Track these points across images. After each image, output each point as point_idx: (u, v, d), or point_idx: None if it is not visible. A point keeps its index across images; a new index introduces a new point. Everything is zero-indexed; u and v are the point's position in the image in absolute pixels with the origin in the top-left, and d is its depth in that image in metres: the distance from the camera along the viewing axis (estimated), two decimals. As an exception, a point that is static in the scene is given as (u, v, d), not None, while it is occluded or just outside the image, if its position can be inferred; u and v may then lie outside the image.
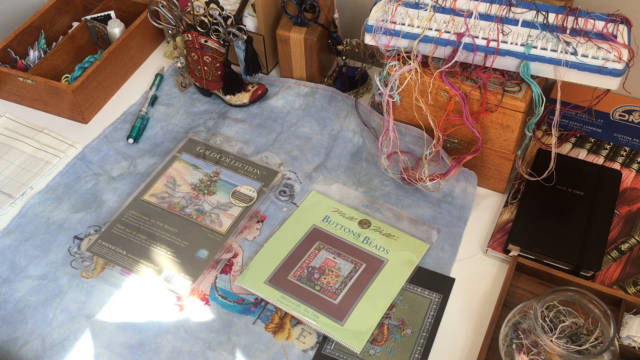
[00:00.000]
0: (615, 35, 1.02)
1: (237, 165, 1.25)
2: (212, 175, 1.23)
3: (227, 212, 1.18)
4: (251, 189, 1.21)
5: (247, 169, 1.24)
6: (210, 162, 1.26)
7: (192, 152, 1.28)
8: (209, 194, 1.21)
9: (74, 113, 1.38)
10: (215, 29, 1.28)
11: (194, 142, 1.30)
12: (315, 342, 1.03)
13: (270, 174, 1.24)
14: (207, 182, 1.22)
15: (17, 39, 1.43)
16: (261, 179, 1.23)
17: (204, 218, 1.17)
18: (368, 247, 1.13)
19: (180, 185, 1.22)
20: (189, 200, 1.20)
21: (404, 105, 1.18)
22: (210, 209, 1.19)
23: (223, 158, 1.27)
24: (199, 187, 1.22)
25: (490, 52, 1.05)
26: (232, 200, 1.19)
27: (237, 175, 1.24)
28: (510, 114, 1.09)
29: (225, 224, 1.17)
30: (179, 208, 1.19)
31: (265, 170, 1.25)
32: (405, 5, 1.09)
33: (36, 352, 1.03)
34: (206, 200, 1.20)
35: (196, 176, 1.24)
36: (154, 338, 1.04)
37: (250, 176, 1.23)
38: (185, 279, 1.09)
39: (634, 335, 0.99)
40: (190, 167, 1.25)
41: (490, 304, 1.07)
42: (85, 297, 1.09)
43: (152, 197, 1.21)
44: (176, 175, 1.24)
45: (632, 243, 1.12)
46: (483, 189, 1.22)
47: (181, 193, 1.21)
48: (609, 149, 1.26)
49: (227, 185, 1.22)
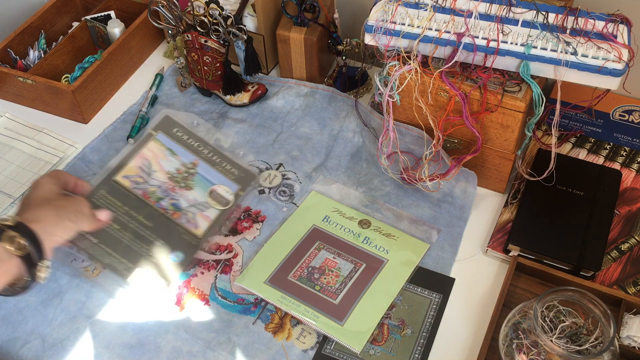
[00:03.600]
0: (615, 35, 1.02)
1: (216, 159, 1.17)
2: (190, 167, 1.15)
3: (204, 212, 1.12)
4: (229, 191, 1.14)
5: (225, 166, 1.17)
6: (188, 150, 1.17)
7: (169, 134, 1.18)
8: (186, 188, 1.13)
9: (74, 113, 1.38)
10: (215, 29, 1.28)
11: (170, 121, 1.20)
12: (315, 342, 1.03)
13: (248, 177, 1.18)
14: (184, 174, 1.14)
15: (17, 39, 1.43)
16: (239, 181, 1.17)
17: (181, 215, 1.10)
18: (368, 247, 1.13)
19: (157, 172, 1.13)
20: (165, 192, 1.12)
21: (404, 105, 1.18)
22: (187, 206, 1.11)
23: (201, 148, 1.18)
24: (176, 178, 1.13)
25: (490, 52, 1.05)
26: (209, 200, 1.12)
27: (216, 172, 1.16)
28: (510, 114, 1.09)
29: (201, 225, 1.11)
30: (155, 199, 1.10)
31: (243, 172, 1.18)
32: (405, 5, 1.09)
33: (36, 352, 1.03)
34: (183, 195, 1.12)
35: (173, 164, 1.15)
36: (154, 338, 1.04)
37: (228, 176, 1.16)
38: (159, 280, 1.06)
39: (634, 335, 0.99)
40: (166, 151, 1.16)
41: (490, 304, 1.06)
42: (85, 297, 1.09)
43: (126, 180, 1.11)
44: (152, 158, 1.15)
45: (632, 243, 1.12)
46: (483, 189, 1.22)
47: (157, 181, 1.13)
48: (609, 149, 1.26)
49: (205, 182, 1.15)
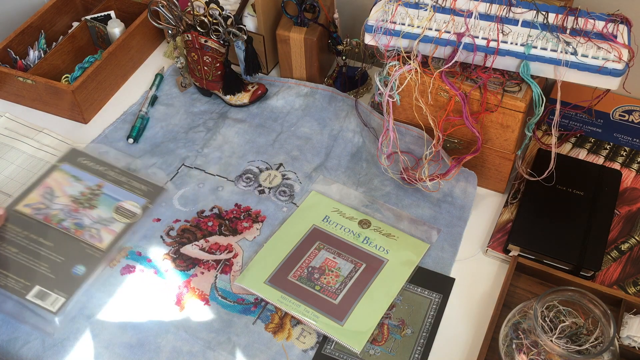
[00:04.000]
0: (615, 35, 1.02)
1: (122, 179, 1.21)
2: (95, 189, 1.18)
3: (109, 227, 1.14)
4: (136, 205, 1.17)
5: (132, 183, 1.20)
6: (93, 175, 1.21)
7: (73, 163, 1.23)
8: (90, 208, 1.16)
9: (74, 113, 1.38)
10: (215, 29, 1.28)
11: (76, 152, 1.25)
12: (315, 342, 1.03)
13: (156, 190, 1.21)
14: (88, 195, 1.17)
15: (17, 39, 1.43)
16: (147, 195, 1.20)
17: (83, 232, 1.13)
18: (368, 247, 1.13)
19: (59, 197, 1.17)
20: (68, 214, 1.15)
21: (404, 105, 1.18)
22: (91, 223, 1.14)
23: (107, 171, 1.22)
24: (79, 200, 1.17)
25: (490, 52, 1.05)
26: (115, 216, 1.15)
27: (122, 190, 1.20)
28: (510, 114, 1.09)
29: (105, 239, 1.13)
30: (56, 221, 1.14)
31: (151, 187, 1.21)
32: (405, 5, 1.09)
33: (36, 352, 1.03)
34: (86, 214, 1.15)
35: (77, 188, 1.19)
36: (154, 338, 1.04)
37: (135, 192, 1.19)
38: (58, 295, 1.05)
39: (634, 335, 0.99)
40: (70, 178, 1.20)
41: (490, 304, 1.07)
42: (85, 297, 1.09)
43: (27, 208, 1.15)
44: (55, 186, 1.19)
45: (632, 243, 1.12)
46: (483, 189, 1.22)
47: (59, 205, 1.16)
48: (609, 149, 1.26)
49: (110, 200, 1.18)
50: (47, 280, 1.07)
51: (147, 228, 1.17)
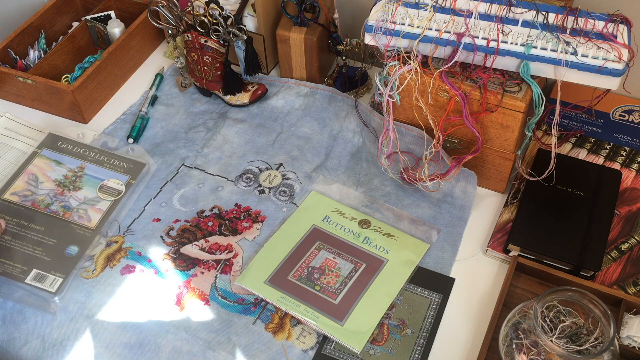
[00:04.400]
0: (615, 35, 1.02)
1: (103, 159, 1.25)
2: (77, 171, 1.22)
3: (95, 206, 1.18)
4: (119, 182, 1.21)
5: (113, 162, 1.24)
6: (74, 157, 1.25)
7: (53, 148, 1.26)
8: (75, 190, 1.20)
9: (74, 113, 1.38)
10: (215, 29, 1.28)
11: (54, 137, 1.28)
12: (315, 342, 1.03)
13: (137, 167, 1.24)
14: (72, 178, 1.21)
15: (17, 39, 1.43)
16: (128, 172, 1.23)
17: (72, 214, 1.17)
18: (368, 247, 1.13)
19: (44, 182, 1.20)
20: (54, 197, 1.18)
21: (404, 105, 1.18)
22: (78, 204, 1.18)
23: (87, 152, 1.25)
24: (64, 183, 1.20)
25: (490, 52, 1.05)
26: (100, 195, 1.19)
27: (103, 169, 1.23)
28: (510, 114, 1.09)
29: (94, 218, 1.16)
30: (44, 205, 1.17)
31: (132, 163, 1.25)
32: (405, 5, 1.09)
33: (36, 352, 1.03)
34: (72, 196, 1.19)
35: (60, 172, 1.22)
36: (154, 338, 1.04)
37: (117, 169, 1.23)
38: (55, 276, 1.09)
39: (634, 335, 0.99)
40: (52, 162, 1.23)
41: (490, 304, 1.06)
42: (85, 297, 1.09)
43: (14, 196, 1.19)
44: (38, 172, 1.22)
45: (632, 243, 1.12)
46: (483, 189, 1.22)
47: (45, 190, 1.19)
48: (609, 149, 1.26)
49: (94, 180, 1.22)
50: (43, 263, 1.11)
51: (145, 227, 1.18)
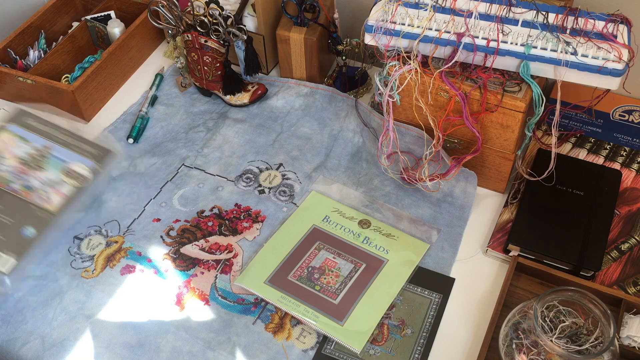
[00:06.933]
0: (615, 35, 1.02)
1: (71, 141, 1.20)
2: (42, 150, 1.18)
3: (59, 190, 1.14)
4: (84, 167, 1.17)
5: (81, 146, 1.20)
6: (41, 136, 1.20)
7: (20, 123, 1.21)
8: (37, 170, 1.16)
9: (74, 113, 1.37)
10: (215, 29, 1.28)
11: (23, 112, 1.22)
12: (315, 342, 1.03)
13: (104, 154, 1.21)
14: (36, 157, 1.17)
15: (17, 39, 1.43)
16: (96, 159, 1.19)
17: (32, 195, 1.13)
18: (368, 247, 1.13)
19: (7, 158, 1.16)
20: (16, 175, 1.15)
21: (404, 105, 1.18)
22: (39, 185, 1.14)
23: (55, 133, 1.21)
24: (28, 162, 1.16)
25: (490, 52, 1.05)
26: (64, 178, 1.16)
27: (70, 152, 1.19)
28: (510, 114, 1.09)
29: (55, 201, 1.13)
30: (4, 182, 1.14)
31: (100, 150, 1.21)
32: (405, 5, 1.09)
33: (36, 352, 1.03)
34: (34, 175, 1.15)
35: (24, 149, 1.18)
36: (154, 338, 1.04)
37: (84, 154, 1.19)
38: (8, 256, 1.07)
39: (634, 335, 0.99)
40: (17, 139, 1.19)
41: (490, 304, 1.07)
42: (85, 297, 1.09)
43: None
44: (2, 147, 1.18)
45: (632, 243, 1.12)
46: (483, 189, 1.22)
47: (7, 167, 1.15)
48: (609, 149, 1.26)
49: (58, 162, 1.17)
50: None
51: (145, 227, 1.18)
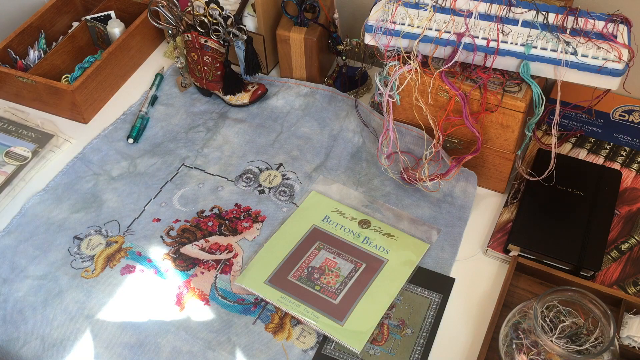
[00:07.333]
0: (615, 35, 1.02)
1: (11, 128, 1.32)
2: None
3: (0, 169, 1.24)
4: (26, 149, 1.28)
5: (21, 132, 1.31)
6: None
7: None
8: None
9: (74, 113, 1.38)
10: (215, 29, 1.28)
11: None
12: (315, 342, 1.03)
13: (45, 137, 1.30)
14: None
15: (17, 39, 1.43)
16: (36, 141, 1.30)
17: None
18: (368, 247, 1.13)
19: None
20: None
21: (404, 105, 1.18)
22: None
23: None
24: None
25: (490, 52, 1.05)
26: (6, 159, 1.26)
27: (11, 137, 1.30)
28: (510, 114, 1.09)
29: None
30: None
31: (40, 134, 1.31)
32: (405, 5, 1.09)
33: (36, 352, 1.03)
34: None
35: None
36: (154, 338, 1.04)
37: (24, 138, 1.30)
38: None
39: (634, 335, 0.99)
40: None
41: (490, 304, 1.06)
42: (85, 297, 1.09)
43: None
44: None
45: (632, 243, 1.12)
46: (483, 189, 1.22)
47: None
48: (609, 149, 1.26)
49: (1, 147, 1.28)
50: None
51: (145, 227, 1.18)
